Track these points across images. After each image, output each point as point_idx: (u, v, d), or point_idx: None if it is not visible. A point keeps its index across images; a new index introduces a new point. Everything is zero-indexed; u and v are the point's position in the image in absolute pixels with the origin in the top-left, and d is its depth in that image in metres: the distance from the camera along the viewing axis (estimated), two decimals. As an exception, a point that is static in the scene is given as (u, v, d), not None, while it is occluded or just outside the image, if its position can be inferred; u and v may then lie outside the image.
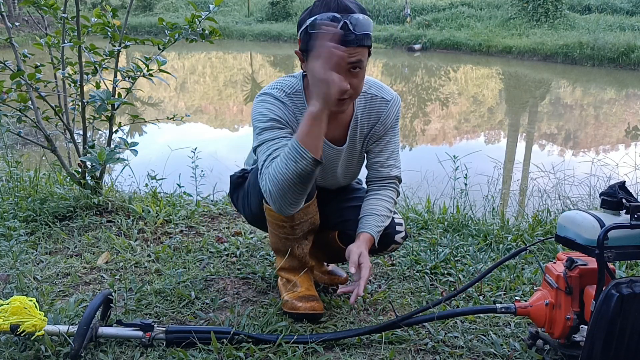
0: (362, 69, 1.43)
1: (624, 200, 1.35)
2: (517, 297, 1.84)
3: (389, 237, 1.68)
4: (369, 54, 1.45)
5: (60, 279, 1.96)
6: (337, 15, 1.35)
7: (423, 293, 1.91)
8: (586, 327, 1.37)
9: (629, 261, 2.08)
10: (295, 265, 1.74)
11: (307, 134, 1.36)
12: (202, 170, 3.06)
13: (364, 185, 1.81)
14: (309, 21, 1.39)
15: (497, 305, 1.56)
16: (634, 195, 1.38)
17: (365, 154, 1.73)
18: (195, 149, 3.04)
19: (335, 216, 1.75)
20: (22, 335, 1.45)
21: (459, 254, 2.22)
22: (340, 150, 1.66)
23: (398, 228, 1.71)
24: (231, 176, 1.81)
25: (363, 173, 1.82)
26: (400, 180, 1.74)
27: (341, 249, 1.75)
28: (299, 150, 1.35)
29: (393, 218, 1.70)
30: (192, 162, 3.03)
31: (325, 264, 1.95)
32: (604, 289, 1.29)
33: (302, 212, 1.59)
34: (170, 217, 2.53)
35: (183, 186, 2.94)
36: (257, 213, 1.66)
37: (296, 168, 1.36)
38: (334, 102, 1.36)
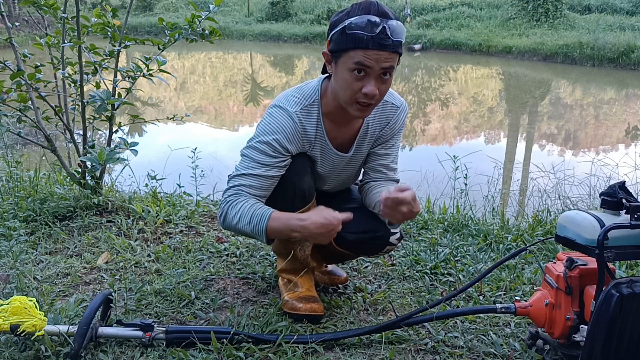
0: (391, 75, 1.43)
1: (624, 200, 1.35)
2: (517, 297, 1.84)
3: (384, 239, 1.67)
4: (399, 61, 1.44)
5: (60, 279, 1.96)
6: (377, 19, 1.35)
7: (423, 293, 1.91)
8: (586, 327, 1.37)
9: (629, 261, 2.08)
10: (296, 266, 1.74)
11: (277, 231, 1.45)
12: (202, 170, 3.05)
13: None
14: (347, 21, 1.37)
15: (497, 305, 1.56)
16: (634, 195, 1.38)
17: (367, 157, 1.72)
18: (195, 149, 3.04)
19: None
20: (22, 335, 1.45)
21: (459, 254, 2.22)
22: (346, 157, 1.65)
23: (392, 229, 1.69)
24: (229, 175, 1.81)
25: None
26: (398, 182, 1.74)
27: (337, 251, 1.76)
28: (260, 232, 1.45)
29: (387, 219, 1.69)
30: (192, 162, 3.02)
31: (324, 264, 1.95)
32: (604, 289, 1.29)
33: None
34: (170, 217, 2.53)
35: (183, 186, 2.94)
36: None
37: (251, 235, 1.50)
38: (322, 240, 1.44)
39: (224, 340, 1.51)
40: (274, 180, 1.53)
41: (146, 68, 2.47)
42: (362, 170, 1.77)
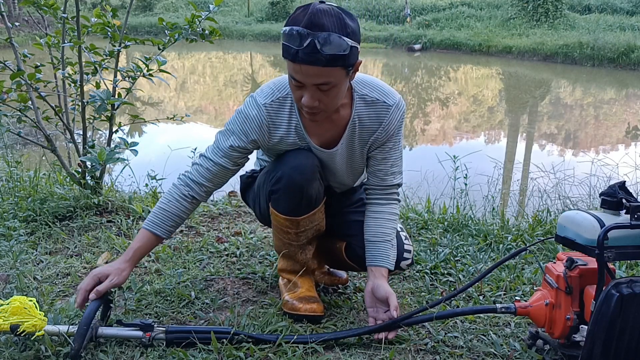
0: (334, 87, 1.37)
1: (624, 200, 1.35)
2: (517, 297, 1.84)
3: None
4: (351, 71, 1.38)
5: (60, 279, 1.96)
6: (305, 31, 1.28)
7: (423, 293, 1.91)
8: (586, 327, 1.37)
9: (629, 261, 2.08)
10: (297, 268, 1.74)
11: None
12: (202, 170, 3.05)
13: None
14: (284, 29, 1.32)
15: (497, 305, 1.56)
16: (634, 195, 1.38)
17: (367, 160, 1.68)
18: (195, 149, 3.04)
19: (344, 228, 1.75)
20: (22, 335, 1.45)
21: (459, 254, 2.22)
22: (333, 153, 1.60)
23: (405, 255, 1.68)
24: (241, 176, 1.82)
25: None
26: (400, 186, 1.71)
27: (345, 262, 1.76)
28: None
29: (403, 244, 1.68)
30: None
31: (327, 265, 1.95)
32: (604, 289, 1.29)
33: (308, 219, 1.59)
34: (170, 217, 2.52)
35: (183, 186, 2.93)
36: (265, 214, 1.68)
37: None
38: None
39: (224, 340, 1.51)
40: (230, 171, 1.61)
41: (146, 68, 2.47)
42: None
